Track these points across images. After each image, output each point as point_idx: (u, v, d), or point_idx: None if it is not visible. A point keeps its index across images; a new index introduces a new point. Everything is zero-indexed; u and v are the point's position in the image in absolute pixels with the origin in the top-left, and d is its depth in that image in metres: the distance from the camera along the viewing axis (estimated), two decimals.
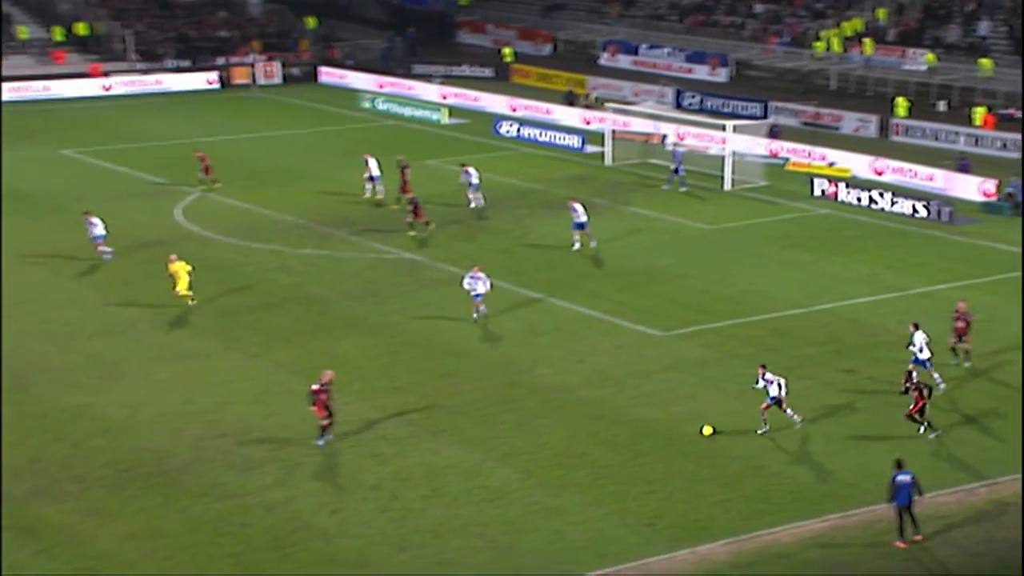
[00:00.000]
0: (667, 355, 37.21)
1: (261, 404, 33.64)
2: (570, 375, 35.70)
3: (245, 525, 27.30)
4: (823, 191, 55.23)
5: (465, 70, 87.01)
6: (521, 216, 52.60)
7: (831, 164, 59.54)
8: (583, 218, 47.01)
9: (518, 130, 68.89)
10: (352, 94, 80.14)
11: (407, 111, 75.56)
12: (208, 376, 35.45)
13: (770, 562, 26.08)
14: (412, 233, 48.74)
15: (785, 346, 37.32)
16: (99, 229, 45.51)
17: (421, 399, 34.07)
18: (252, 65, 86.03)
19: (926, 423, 31.39)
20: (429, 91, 79.93)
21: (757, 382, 31.90)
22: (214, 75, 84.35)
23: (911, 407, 31.39)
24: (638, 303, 41.73)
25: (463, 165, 54.43)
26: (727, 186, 57.10)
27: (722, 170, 57.40)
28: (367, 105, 77.46)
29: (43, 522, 27.32)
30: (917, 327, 34.37)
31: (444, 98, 77.91)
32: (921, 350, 33.90)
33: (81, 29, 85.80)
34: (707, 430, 31.70)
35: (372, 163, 54.22)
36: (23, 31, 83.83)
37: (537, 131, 68.38)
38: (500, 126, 69.77)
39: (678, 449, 30.92)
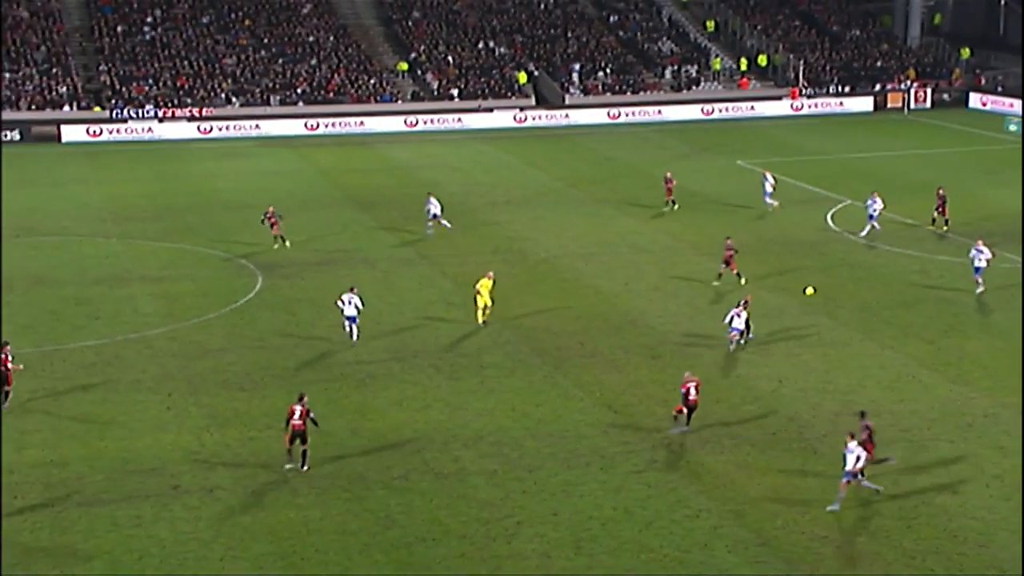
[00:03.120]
0: None
1: (893, 390, 32.67)
2: None
3: (873, 494, 26.60)
4: None
5: None
6: None
7: None
8: (982, 263, 40.14)
9: None
10: (999, 118, 75.33)
11: None
12: (846, 361, 34.96)
13: None
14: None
15: None
16: (435, 208, 48.55)
17: None
18: (906, 91, 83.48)
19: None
20: None
21: None
22: (869, 100, 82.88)
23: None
24: None
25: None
26: None
27: None
28: (1013, 128, 72.47)
29: (705, 467, 28.21)
30: None
31: None
32: None
33: (762, 60, 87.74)
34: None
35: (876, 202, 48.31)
36: (717, 62, 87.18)
37: None
38: None
39: None
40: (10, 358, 31.43)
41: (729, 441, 29.54)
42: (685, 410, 29.74)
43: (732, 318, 35.32)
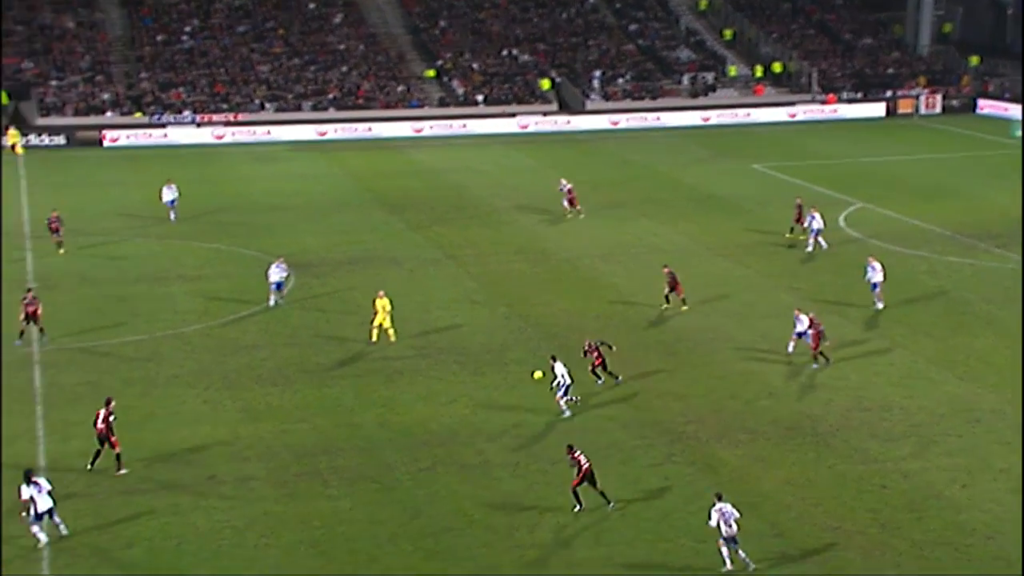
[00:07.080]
0: None
1: (902, 386, 32.48)
2: None
3: (884, 487, 26.52)
4: None
5: None
6: None
7: None
8: (879, 277, 38.47)
9: None
10: (1006, 124, 74.77)
11: None
12: (857, 358, 34.69)
13: None
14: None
15: None
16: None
17: None
18: (916, 97, 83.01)
19: None
20: None
21: None
22: (881, 106, 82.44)
23: None
24: None
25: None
26: None
27: None
28: (1018, 134, 71.87)
29: (720, 461, 28.14)
30: None
31: None
32: None
33: (777, 67, 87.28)
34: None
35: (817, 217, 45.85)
36: (732, 70, 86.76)
37: None
38: None
39: None
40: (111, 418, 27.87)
41: (744, 436, 29.43)
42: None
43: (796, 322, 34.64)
